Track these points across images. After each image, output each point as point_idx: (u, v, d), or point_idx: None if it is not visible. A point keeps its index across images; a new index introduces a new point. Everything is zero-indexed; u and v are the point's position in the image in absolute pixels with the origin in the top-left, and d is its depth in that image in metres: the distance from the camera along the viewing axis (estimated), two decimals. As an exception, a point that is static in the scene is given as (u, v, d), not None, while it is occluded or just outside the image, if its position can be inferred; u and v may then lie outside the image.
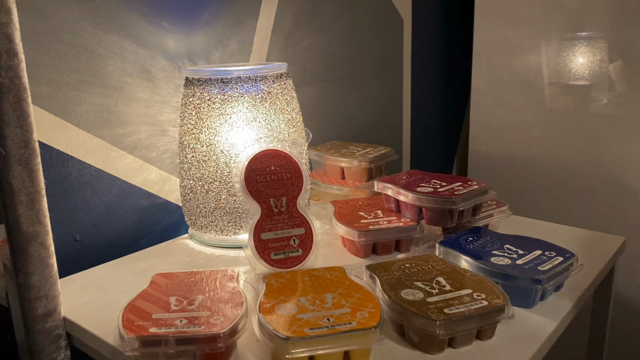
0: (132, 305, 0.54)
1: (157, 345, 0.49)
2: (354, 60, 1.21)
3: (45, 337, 0.59)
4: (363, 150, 0.98)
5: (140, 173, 0.82)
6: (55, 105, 0.71)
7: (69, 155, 0.73)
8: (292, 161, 0.70)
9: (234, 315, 0.52)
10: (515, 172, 1.35)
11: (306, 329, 0.48)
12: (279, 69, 0.76)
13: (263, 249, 0.65)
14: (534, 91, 1.29)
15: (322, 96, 1.14)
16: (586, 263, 0.68)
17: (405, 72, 1.40)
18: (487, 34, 1.33)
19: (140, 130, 0.81)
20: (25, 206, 0.55)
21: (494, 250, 0.65)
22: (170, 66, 0.83)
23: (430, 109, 1.55)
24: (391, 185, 0.77)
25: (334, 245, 0.77)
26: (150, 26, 0.80)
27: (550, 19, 1.23)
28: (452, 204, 0.70)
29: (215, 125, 0.73)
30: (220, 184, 0.74)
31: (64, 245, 0.74)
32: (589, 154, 1.23)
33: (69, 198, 0.74)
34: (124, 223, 0.81)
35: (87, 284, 0.68)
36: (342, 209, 0.80)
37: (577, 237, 0.79)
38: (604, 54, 1.18)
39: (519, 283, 0.58)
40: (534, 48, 1.27)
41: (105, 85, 0.76)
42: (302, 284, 0.58)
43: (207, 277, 0.61)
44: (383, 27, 1.29)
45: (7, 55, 0.52)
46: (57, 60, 0.70)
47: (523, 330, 0.55)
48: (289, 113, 0.76)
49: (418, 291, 0.56)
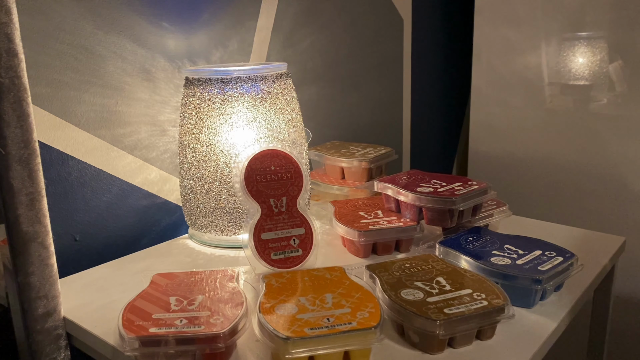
0: (132, 305, 0.54)
1: (157, 345, 0.49)
2: (354, 60, 1.21)
3: (45, 337, 0.59)
4: (363, 150, 0.98)
5: (140, 173, 0.82)
6: (55, 105, 0.71)
7: (69, 155, 0.73)
8: (292, 161, 0.70)
9: (234, 315, 0.52)
10: (515, 172, 1.35)
11: (306, 329, 0.48)
12: (279, 69, 0.76)
13: (263, 249, 0.65)
14: (534, 91, 1.29)
15: (322, 96, 1.14)
16: (586, 263, 0.68)
17: (405, 72, 1.40)
18: (487, 34, 1.33)
19: (140, 130, 0.81)
20: (25, 206, 0.55)
21: (494, 250, 0.65)
22: (170, 66, 0.83)
23: (430, 109, 1.55)
24: (391, 185, 0.77)
25: (334, 245, 0.77)
26: (150, 26, 0.80)
27: (550, 19, 1.23)
28: (452, 204, 0.70)
29: (215, 125, 0.73)
30: (220, 184, 0.74)
31: (64, 245, 0.74)
32: (589, 154, 1.23)
33: (69, 198, 0.74)
34: (124, 223, 0.81)
35: (87, 284, 0.68)
36: (342, 209, 0.80)
37: (577, 237, 0.79)
38: (604, 54, 1.18)
39: (519, 283, 0.58)
40: (534, 48, 1.27)
41: (105, 85, 0.76)
42: (302, 284, 0.58)
43: (207, 277, 0.61)
44: (383, 27, 1.29)
45: (7, 55, 0.52)
46: (57, 60, 0.70)
47: (523, 330, 0.55)
48: (289, 113, 0.76)
49: (418, 291, 0.56)
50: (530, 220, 0.86)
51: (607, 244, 0.76)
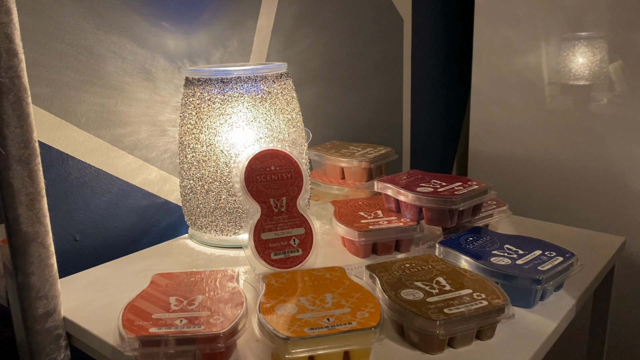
0: (132, 305, 0.54)
1: (157, 345, 0.49)
2: (354, 60, 1.21)
3: (45, 337, 0.59)
4: (363, 150, 0.98)
5: (140, 173, 0.82)
6: (55, 105, 0.71)
7: (69, 155, 0.73)
8: (292, 161, 0.70)
9: (234, 315, 0.52)
10: (515, 172, 1.35)
11: (306, 329, 0.48)
12: (279, 69, 0.76)
13: (263, 249, 0.65)
14: (534, 91, 1.29)
15: (322, 96, 1.14)
16: (586, 263, 0.68)
17: (405, 72, 1.40)
18: (487, 34, 1.33)
19: (140, 130, 0.81)
20: (25, 206, 0.55)
21: (494, 250, 0.65)
22: (170, 66, 0.83)
23: (430, 109, 1.55)
24: (391, 185, 0.77)
25: (334, 245, 0.77)
26: (150, 26, 0.80)
27: (550, 19, 1.23)
28: (452, 204, 0.70)
29: (215, 125, 0.73)
30: (220, 184, 0.74)
31: (64, 245, 0.74)
32: (589, 154, 1.23)
33: (69, 198, 0.74)
34: (124, 223, 0.81)
35: (87, 284, 0.68)
36: (342, 209, 0.80)
37: (577, 237, 0.79)
38: (604, 54, 1.18)
39: (519, 283, 0.58)
40: (534, 48, 1.27)
41: (105, 85, 0.76)
42: (302, 284, 0.58)
43: (207, 277, 0.61)
44: (383, 27, 1.29)
45: (7, 55, 0.52)
46: (57, 60, 0.70)
47: (523, 330, 0.55)
48: (289, 113, 0.76)
49: (418, 291, 0.56)
50: (530, 220, 0.86)
51: (607, 244, 0.76)
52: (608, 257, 0.72)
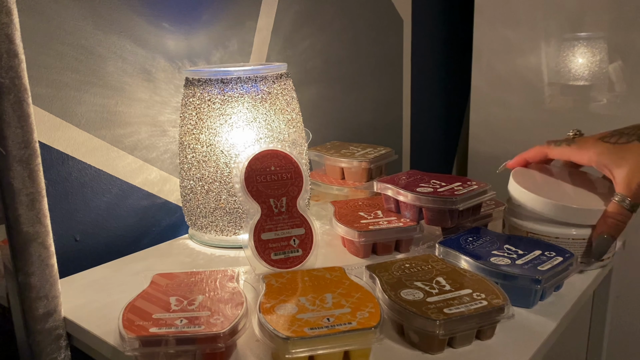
0: (132, 305, 0.54)
1: (157, 345, 0.49)
2: (354, 60, 1.21)
3: (45, 337, 0.59)
4: (363, 151, 0.98)
5: (140, 173, 0.82)
6: (56, 106, 0.71)
7: (69, 156, 0.73)
8: (292, 161, 0.70)
9: (234, 315, 0.52)
10: (515, 172, 1.35)
11: (306, 329, 0.48)
12: (279, 69, 0.76)
13: (263, 249, 0.65)
14: (534, 91, 1.29)
15: (322, 96, 1.14)
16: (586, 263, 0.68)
17: (405, 72, 1.40)
18: (487, 34, 1.34)
19: (140, 131, 0.81)
20: (25, 206, 0.55)
21: (493, 250, 0.65)
22: (170, 67, 0.83)
23: (430, 109, 1.55)
24: (391, 186, 0.77)
25: (334, 245, 0.77)
26: (150, 26, 0.80)
27: (550, 20, 1.23)
28: (452, 204, 0.70)
29: (215, 126, 0.73)
30: (221, 184, 0.74)
31: (64, 246, 0.74)
32: (588, 154, 1.22)
33: (69, 198, 0.74)
34: (124, 223, 0.81)
35: (87, 284, 0.68)
36: (342, 209, 0.80)
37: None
38: (603, 54, 1.18)
39: (519, 283, 0.59)
40: (533, 48, 1.27)
41: (106, 86, 0.76)
42: (302, 284, 0.58)
43: (207, 277, 0.61)
44: (383, 27, 1.29)
45: (7, 55, 0.52)
46: (57, 61, 0.71)
47: (523, 330, 0.55)
48: (289, 113, 0.76)
49: (418, 291, 0.56)
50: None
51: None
52: (607, 257, 0.72)
